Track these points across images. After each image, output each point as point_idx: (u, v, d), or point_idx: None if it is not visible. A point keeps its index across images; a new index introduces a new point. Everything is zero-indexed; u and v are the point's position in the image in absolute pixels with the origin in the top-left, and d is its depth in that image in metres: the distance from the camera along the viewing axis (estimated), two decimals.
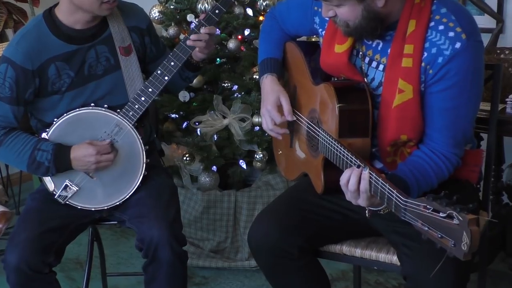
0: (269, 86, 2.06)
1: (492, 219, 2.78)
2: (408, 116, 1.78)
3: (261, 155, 3.10)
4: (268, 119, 2.04)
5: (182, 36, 3.18)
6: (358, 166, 1.67)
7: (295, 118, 2.04)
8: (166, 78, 2.22)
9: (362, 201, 1.68)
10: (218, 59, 3.27)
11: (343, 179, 1.69)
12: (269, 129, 2.06)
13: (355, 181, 1.65)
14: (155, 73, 2.22)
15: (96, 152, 2.15)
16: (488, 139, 2.20)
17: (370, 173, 1.63)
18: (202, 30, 2.22)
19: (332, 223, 2.02)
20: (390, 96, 1.79)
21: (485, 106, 2.31)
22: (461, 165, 1.87)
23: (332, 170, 1.83)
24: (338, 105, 1.80)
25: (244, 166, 3.21)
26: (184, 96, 3.15)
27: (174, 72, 2.22)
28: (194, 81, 3.13)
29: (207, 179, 3.16)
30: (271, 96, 2.03)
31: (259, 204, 3.14)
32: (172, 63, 2.22)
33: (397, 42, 1.78)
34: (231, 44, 3.13)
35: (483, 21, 3.08)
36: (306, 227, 2.00)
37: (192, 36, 2.22)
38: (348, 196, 1.71)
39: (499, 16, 3.09)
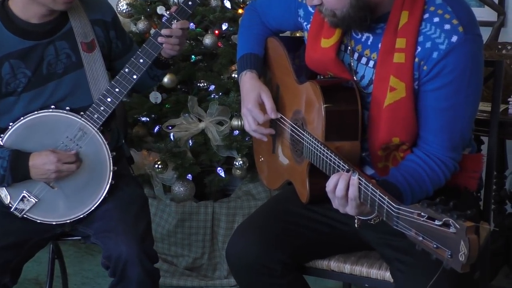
0: (249, 83, 2.07)
1: (495, 228, 2.81)
2: (400, 116, 1.79)
3: (241, 162, 3.09)
4: (250, 119, 2.04)
5: (153, 31, 3.17)
6: (347, 171, 1.67)
7: (280, 115, 2.04)
8: (135, 77, 2.21)
9: (350, 209, 1.68)
10: (193, 56, 3.27)
11: (329, 184, 1.69)
12: (252, 130, 2.06)
13: (343, 187, 1.66)
14: (122, 71, 2.22)
15: (57, 159, 2.14)
16: (489, 142, 2.22)
17: (360, 179, 1.63)
18: (174, 24, 2.22)
19: (319, 236, 2.02)
20: (381, 95, 1.79)
21: (485, 106, 2.32)
22: (459, 171, 1.88)
23: (318, 177, 1.83)
24: (324, 106, 1.80)
25: (222, 174, 3.20)
26: (155, 97, 3.14)
27: (143, 70, 2.22)
28: (167, 80, 3.13)
29: (182, 188, 3.15)
30: (251, 93, 2.04)
31: (239, 216, 3.14)
32: (141, 60, 2.22)
33: (389, 36, 1.79)
34: (207, 40, 3.13)
35: (483, 13, 3.11)
36: (291, 241, 1.99)
37: (164, 31, 2.21)
38: (336, 204, 1.71)
39: (500, 8, 3.11)
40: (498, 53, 2.83)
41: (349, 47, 1.91)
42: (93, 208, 2.22)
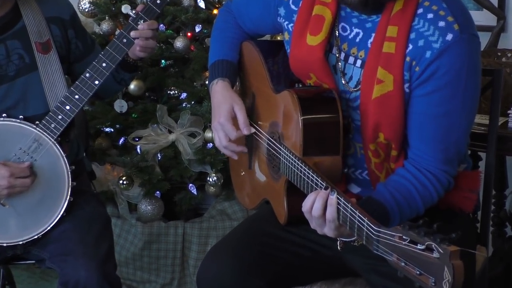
0: (221, 93, 2.06)
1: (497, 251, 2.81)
2: (387, 112, 1.79)
3: (215, 178, 3.09)
4: (221, 134, 2.04)
5: (118, 32, 3.17)
6: (325, 188, 1.68)
7: (253, 131, 2.04)
8: (97, 82, 2.21)
9: (328, 231, 1.68)
10: (163, 61, 3.27)
11: (306, 204, 1.69)
12: (223, 147, 2.06)
13: (321, 206, 1.65)
14: (83, 76, 2.21)
15: (10, 173, 2.12)
16: (487, 159, 2.22)
17: (339, 198, 1.63)
18: (140, 25, 2.22)
19: (299, 261, 2.02)
20: (369, 89, 1.80)
21: (482, 119, 2.33)
22: (454, 190, 1.88)
23: (297, 195, 1.82)
24: (302, 117, 1.81)
25: (194, 191, 3.20)
26: (120, 105, 3.14)
27: (106, 75, 2.22)
28: (134, 87, 3.13)
29: (149, 207, 3.15)
30: (223, 106, 2.03)
31: (212, 238, 3.13)
32: (104, 64, 2.22)
33: (382, 24, 1.80)
34: (179, 43, 3.14)
35: (482, 17, 3.13)
36: (268, 266, 1.99)
37: (133, 33, 2.22)
38: (313, 224, 1.71)
39: (500, 12, 3.14)
40: (497, 60, 2.85)
41: (335, 47, 1.91)
42: (48, 228, 2.20)
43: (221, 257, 1.99)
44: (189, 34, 3.22)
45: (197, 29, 3.23)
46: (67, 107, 2.20)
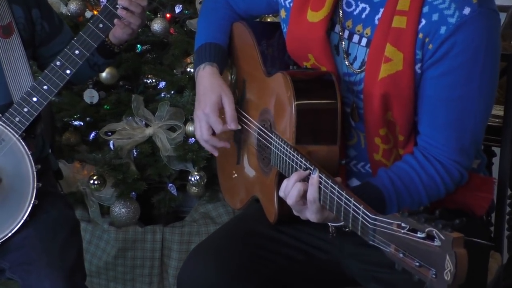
0: (208, 80, 2.06)
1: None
2: (395, 93, 1.79)
3: (198, 177, 3.09)
4: (204, 126, 2.04)
5: (88, 14, 3.16)
6: (306, 169, 1.69)
7: (240, 127, 2.05)
8: (69, 72, 2.21)
9: (310, 214, 1.70)
10: (138, 46, 3.27)
11: (286, 186, 1.71)
12: (204, 140, 2.06)
13: (300, 186, 1.68)
14: (52, 64, 2.21)
15: None
16: (502, 154, 2.23)
17: (320, 176, 1.65)
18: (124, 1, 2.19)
19: (291, 265, 2.02)
20: (375, 69, 1.80)
21: (497, 110, 2.34)
22: (464, 189, 1.89)
23: None
24: (295, 102, 1.81)
25: (174, 192, 3.20)
26: (91, 96, 3.13)
27: (79, 64, 2.21)
28: (106, 75, 3.12)
29: (123, 210, 3.14)
30: (211, 94, 2.03)
31: (194, 245, 3.09)
32: (77, 52, 2.21)
33: (392, 1, 1.79)
34: (157, 26, 3.13)
35: None
36: (258, 269, 1.99)
37: (121, 1, 2.18)
38: (295, 209, 1.73)
39: None
40: None
41: (338, 24, 1.91)
42: (9, 234, 2.19)
43: (205, 259, 1.99)
44: (168, 15, 3.22)
45: (177, 10, 3.23)
46: (34, 99, 2.19)
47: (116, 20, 2.21)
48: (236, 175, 2.23)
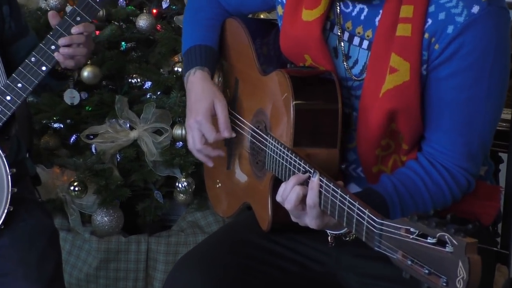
0: (200, 86, 2.06)
1: None
2: (403, 107, 1.78)
3: (186, 184, 3.10)
4: (196, 134, 2.03)
5: (68, 8, 3.15)
6: (305, 173, 1.69)
7: (234, 135, 2.05)
8: (44, 68, 2.20)
9: (310, 220, 1.69)
10: (123, 43, 3.27)
11: (284, 190, 1.71)
12: (197, 150, 2.06)
13: (299, 190, 1.67)
14: (27, 60, 2.20)
15: None
16: (509, 161, 2.23)
17: (321, 179, 1.64)
18: (74, 28, 2.19)
19: (285, 277, 2.01)
20: (378, 80, 1.79)
21: (504, 113, 2.33)
22: (470, 197, 1.89)
23: None
24: (294, 102, 1.81)
25: (160, 199, 3.20)
26: (72, 96, 3.13)
27: (55, 60, 2.20)
28: (88, 74, 3.14)
29: (106, 218, 3.14)
30: (203, 101, 2.03)
31: (182, 255, 3.11)
32: (53, 47, 2.20)
33: (392, 3, 1.79)
34: (142, 22, 3.13)
35: None
36: (248, 281, 1.98)
37: (61, 41, 2.18)
38: (293, 214, 1.72)
39: None
40: None
41: (337, 25, 1.91)
42: None
43: (190, 270, 1.97)
44: (154, 11, 3.22)
45: (164, 5, 3.24)
46: (8, 98, 2.18)
47: (57, 54, 2.20)
48: (225, 181, 2.22)
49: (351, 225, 1.57)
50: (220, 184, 2.27)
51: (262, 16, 3.12)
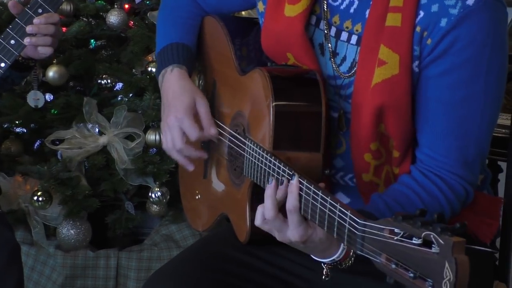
0: (178, 83, 2.06)
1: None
2: (391, 103, 1.78)
3: (159, 194, 3.10)
4: (176, 133, 2.02)
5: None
6: (283, 176, 1.69)
7: (218, 133, 2.04)
8: (3, 65, 2.23)
9: (291, 232, 1.67)
10: (92, 41, 3.27)
11: (265, 210, 1.69)
12: (177, 150, 2.04)
13: (281, 195, 1.67)
14: None
15: None
16: (508, 169, 2.23)
17: (301, 181, 1.64)
18: (36, 19, 2.20)
19: None
20: (368, 74, 1.80)
21: (503, 119, 2.35)
22: (468, 212, 1.88)
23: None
24: (274, 103, 1.81)
25: (132, 210, 3.20)
26: (35, 98, 3.11)
27: (16, 55, 2.22)
28: (53, 74, 3.13)
29: (72, 231, 3.13)
30: (183, 98, 2.02)
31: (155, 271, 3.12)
32: (13, 42, 2.22)
33: None
34: (113, 18, 3.13)
35: None
36: None
37: (29, 28, 2.20)
38: (276, 227, 1.70)
39: None
40: None
41: (323, 21, 1.92)
42: None
43: (163, 286, 1.97)
44: (126, 6, 3.22)
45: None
46: None
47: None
48: (202, 191, 2.22)
49: (332, 229, 1.56)
50: (196, 196, 2.27)
51: (243, 13, 3.13)
